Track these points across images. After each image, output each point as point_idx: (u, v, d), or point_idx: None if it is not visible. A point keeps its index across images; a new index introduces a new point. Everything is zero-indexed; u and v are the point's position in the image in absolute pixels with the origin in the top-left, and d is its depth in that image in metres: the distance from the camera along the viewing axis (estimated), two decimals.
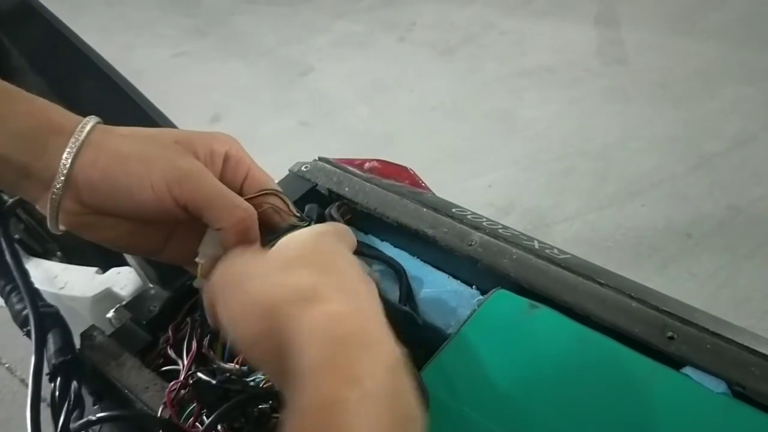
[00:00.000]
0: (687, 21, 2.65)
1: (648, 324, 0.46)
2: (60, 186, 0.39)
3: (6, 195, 0.61)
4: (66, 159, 0.38)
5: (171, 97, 2.26)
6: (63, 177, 0.38)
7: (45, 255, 0.82)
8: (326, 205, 0.60)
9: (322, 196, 0.64)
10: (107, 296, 0.65)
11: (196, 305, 0.56)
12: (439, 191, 0.67)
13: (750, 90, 2.22)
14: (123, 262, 0.66)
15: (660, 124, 2.15)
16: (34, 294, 0.55)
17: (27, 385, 0.49)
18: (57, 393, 0.49)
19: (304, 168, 0.65)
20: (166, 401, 0.46)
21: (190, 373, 0.47)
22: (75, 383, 0.50)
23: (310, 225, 0.46)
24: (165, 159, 0.41)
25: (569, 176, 2.00)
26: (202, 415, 0.45)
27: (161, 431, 0.45)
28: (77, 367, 0.51)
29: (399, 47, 2.85)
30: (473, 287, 0.54)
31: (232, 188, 0.43)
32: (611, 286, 0.50)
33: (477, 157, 2.13)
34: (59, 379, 0.49)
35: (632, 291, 0.49)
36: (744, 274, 1.63)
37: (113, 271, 0.67)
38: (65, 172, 0.38)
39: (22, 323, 0.55)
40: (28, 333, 0.53)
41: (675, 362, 0.44)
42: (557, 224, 1.85)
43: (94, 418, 0.45)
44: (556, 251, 0.54)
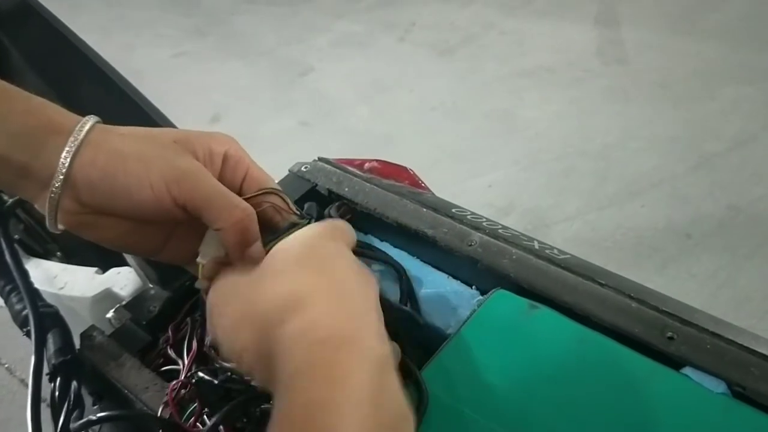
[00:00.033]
0: (687, 21, 2.65)
1: (648, 324, 0.46)
2: (59, 185, 0.39)
3: (6, 195, 0.61)
4: (65, 158, 0.38)
5: (171, 97, 2.26)
6: (62, 176, 0.38)
7: (45, 255, 0.82)
8: (326, 206, 0.60)
9: (322, 197, 0.64)
10: (107, 296, 0.65)
11: (196, 305, 0.56)
12: (439, 191, 0.67)
13: (750, 90, 2.22)
14: (123, 263, 0.66)
15: (660, 124, 2.15)
16: (34, 294, 0.55)
17: (27, 386, 0.49)
18: (57, 393, 0.49)
19: (304, 168, 0.65)
20: (168, 400, 0.46)
21: (191, 373, 0.47)
22: (75, 383, 0.50)
23: (310, 223, 0.46)
24: (164, 159, 0.41)
25: (569, 176, 2.00)
26: (204, 415, 0.45)
27: (161, 431, 0.45)
28: (77, 367, 0.51)
29: (399, 47, 2.85)
30: (473, 287, 0.54)
31: (232, 188, 0.43)
32: (611, 287, 0.49)
33: (477, 157, 2.13)
34: (59, 379, 0.49)
35: (632, 291, 0.49)
36: (744, 275, 1.63)
37: (113, 272, 0.67)
38: (64, 171, 0.38)
39: (22, 323, 0.55)
40: (28, 333, 0.53)
41: (675, 362, 0.44)
42: (557, 224, 1.85)
43: (95, 418, 0.45)
44: (556, 251, 0.53)
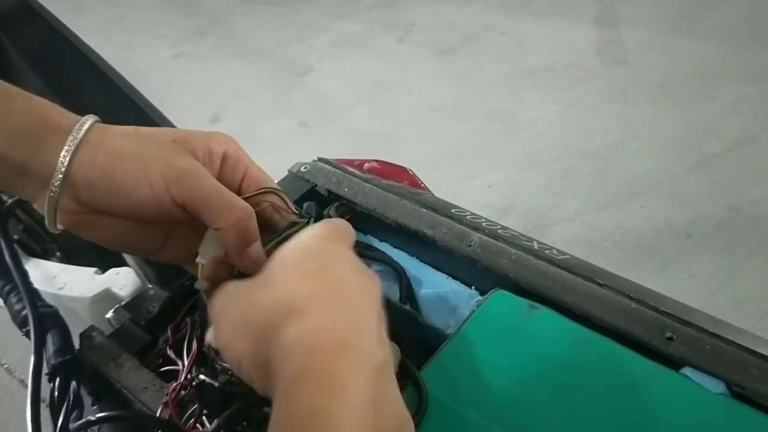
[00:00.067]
0: (687, 21, 2.65)
1: (647, 325, 0.46)
2: (58, 184, 0.39)
3: (5, 195, 0.61)
4: (64, 157, 0.38)
5: (171, 97, 2.27)
6: (61, 175, 0.38)
7: (44, 255, 0.82)
8: (326, 206, 0.60)
9: (322, 197, 0.64)
10: (106, 296, 0.65)
11: (196, 305, 0.55)
12: (439, 191, 0.67)
13: (750, 90, 2.22)
14: (122, 263, 0.66)
15: (660, 125, 2.15)
16: (33, 294, 0.54)
17: (26, 386, 0.49)
18: (56, 393, 0.49)
19: (304, 169, 0.65)
20: (169, 402, 0.46)
21: (192, 376, 0.46)
22: (74, 383, 0.50)
23: (310, 222, 0.46)
24: (163, 158, 0.41)
25: (569, 177, 2.00)
26: (203, 417, 0.45)
27: (160, 431, 0.45)
28: (76, 368, 0.51)
29: (399, 47, 2.85)
30: (472, 288, 0.54)
31: (231, 188, 0.43)
32: (610, 287, 0.49)
33: (477, 158, 2.13)
34: (58, 380, 0.49)
35: (631, 292, 0.49)
36: (743, 275, 1.63)
37: (112, 272, 0.67)
38: (63, 170, 0.38)
39: (22, 323, 0.55)
40: (27, 333, 0.53)
41: (674, 363, 0.44)
42: (556, 225, 1.85)
43: (94, 418, 0.45)
44: (555, 252, 0.53)
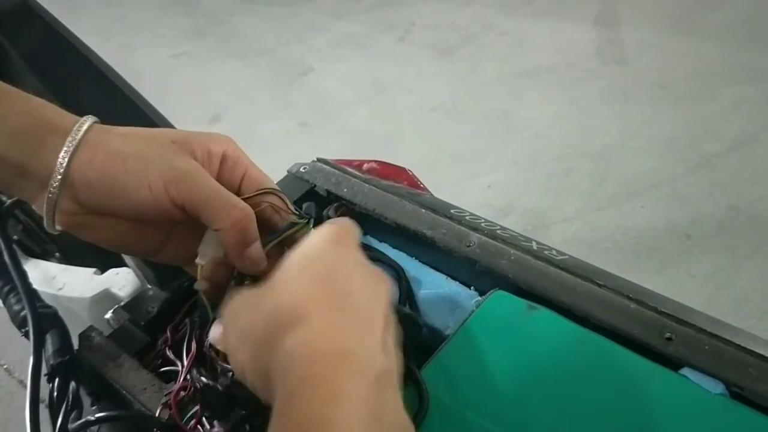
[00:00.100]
0: (687, 21, 2.65)
1: (646, 325, 0.46)
2: (57, 185, 0.39)
3: (4, 196, 0.61)
4: (63, 158, 0.38)
5: (171, 98, 2.27)
6: (60, 176, 0.38)
7: (43, 256, 0.81)
8: (325, 207, 0.60)
9: (321, 197, 0.64)
10: (105, 297, 0.65)
11: (195, 306, 0.55)
12: (439, 192, 0.67)
13: (750, 90, 2.22)
14: (121, 263, 0.66)
15: (660, 125, 2.15)
16: (33, 295, 0.54)
17: (25, 386, 0.49)
18: (55, 394, 0.49)
19: (303, 169, 0.65)
20: (172, 404, 0.45)
21: (194, 377, 0.46)
22: (73, 384, 0.50)
23: (309, 222, 0.46)
24: (162, 159, 0.41)
25: (569, 177, 2.00)
26: (203, 418, 0.45)
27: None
28: (75, 368, 0.51)
29: (398, 48, 2.85)
30: (471, 288, 0.54)
31: (230, 189, 0.43)
32: (609, 288, 0.49)
33: (477, 158, 2.13)
34: (57, 380, 0.49)
35: (630, 292, 0.49)
36: (743, 275, 1.63)
37: (111, 272, 0.67)
38: (62, 171, 0.38)
39: (21, 324, 0.55)
40: (27, 334, 0.53)
41: (673, 363, 0.44)
42: (556, 225, 1.85)
43: (93, 419, 0.45)
44: (555, 252, 0.53)
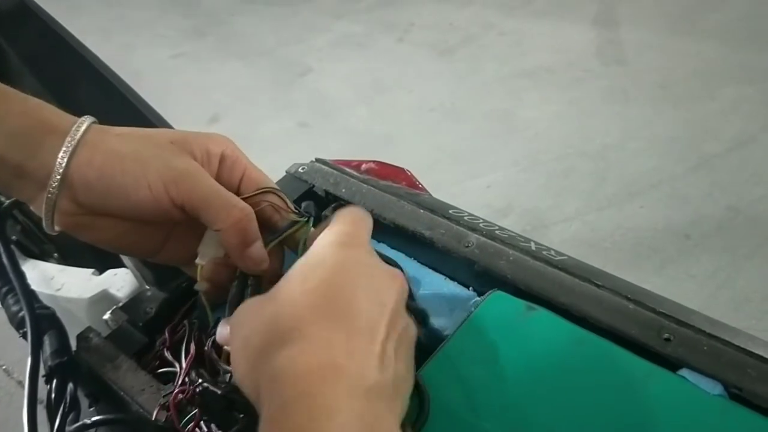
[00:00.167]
0: (687, 21, 2.65)
1: (644, 326, 0.46)
2: (56, 185, 0.39)
3: (2, 197, 0.61)
4: (62, 158, 0.38)
5: (170, 98, 2.27)
6: (59, 176, 0.38)
7: (42, 256, 0.81)
8: (323, 207, 0.60)
9: (319, 198, 0.64)
10: (104, 298, 0.65)
11: (193, 307, 0.55)
12: (438, 192, 0.67)
13: (750, 90, 2.22)
14: (120, 264, 0.66)
15: (659, 125, 2.15)
16: (31, 296, 0.54)
17: (24, 387, 0.49)
18: (53, 395, 0.49)
19: (301, 169, 0.65)
20: (171, 407, 0.45)
21: (193, 380, 0.46)
22: (71, 385, 0.50)
23: (309, 221, 0.46)
24: (161, 159, 0.41)
25: (568, 177, 2.00)
26: (202, 421, 0.45)
27: None
28: (73, 369, 0.51)
29: (398, 48, 2.85)
30: (470, 289, 0.54)
31: (229, 189, 0.43)
32: (608, 288, 0.49)
33: (476, 158, 2.13)
34: (55, 381, 0.49)
35: (629, 293, 0.49)
36: (743, 275, 1.63)
37: (110, 273, 0.67)
38: (61, 171, 0.38)
39: (19, 325, 0.55)
40: (25, 335, 0.53)
41: (671, 364, 0.44)
42: (556, 225, 1.85)
43: (90, 422, 0.45)
44: (553, 253, 0.53)
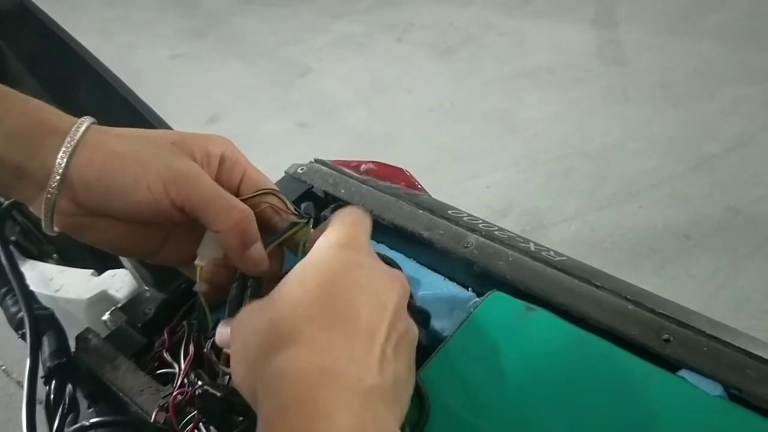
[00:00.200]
0: (687, 21, 2.65)
1: (644, 326, 0.46)
2: (55, 186, 0.39)
3: (2, 197, 0.61)
4: (61, 158, 0.38)
5: (170, 98, 2.27)
6: (58, 177, 0.38)
7: (41, 257, 0.81)
8: (322, 207, 0.60)
9: (318, 198, 0.63)
10: (102, 299, 0.65)
11: (192, 308, 0.55)
12: (438, 192, 0.67)
13: (750, 90, 2.22)
14: (118, 265, 0.66)
15: (659, 125, 2.15)
16: (29, 296, 0.54)
17: (23, 387, 0.49)
18: (52, 396, 0.49)
19: (300, 170, 0.65)
20: (170, 408, 0.45)
21: (192, 382, 0.46)
22: (70, 386, 0.50)
23: (309, 222, 0.46)
24: (161, 160, 0.41)
25: (568, 177, 2.00)
26: (201, 423, 0.45)
27: None
28: (72, 370, 0.51)
29: (398, 48, 2.85)
30: (469, 289, 0.54)
31: (229, 190, 0.43)
32: (607, 289, 0.49)
33: (476, 158, 2.13)
34: (54, 382, 0.49)
35: (628, 293, 0.49)
36: (743, 275, 1.62)
37: (109, 274, 0.67)
38: (61, 172, 0.38)
39: (18, 326, 0.55)
40: (24, 336, 0.53)
41: (671, 365, 0.44)
42: (555, 225, 1.85)
43: (88, 424, 0.45)
44: (552, 253, 0.53)
